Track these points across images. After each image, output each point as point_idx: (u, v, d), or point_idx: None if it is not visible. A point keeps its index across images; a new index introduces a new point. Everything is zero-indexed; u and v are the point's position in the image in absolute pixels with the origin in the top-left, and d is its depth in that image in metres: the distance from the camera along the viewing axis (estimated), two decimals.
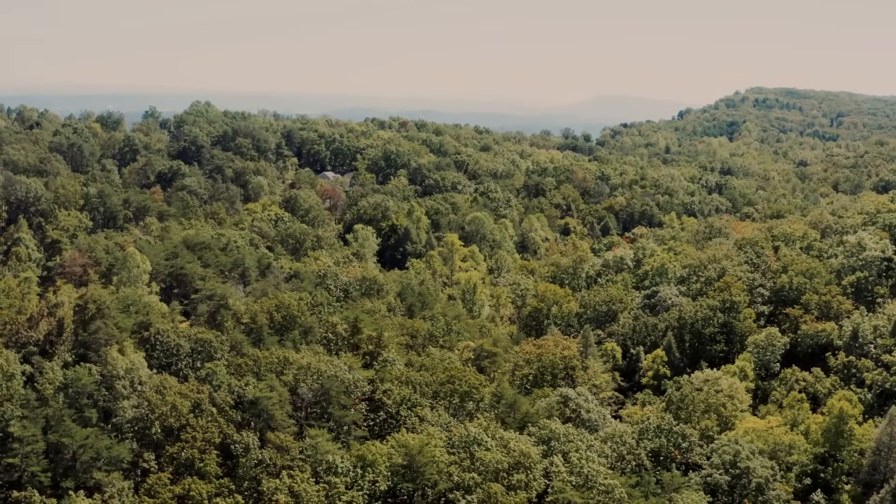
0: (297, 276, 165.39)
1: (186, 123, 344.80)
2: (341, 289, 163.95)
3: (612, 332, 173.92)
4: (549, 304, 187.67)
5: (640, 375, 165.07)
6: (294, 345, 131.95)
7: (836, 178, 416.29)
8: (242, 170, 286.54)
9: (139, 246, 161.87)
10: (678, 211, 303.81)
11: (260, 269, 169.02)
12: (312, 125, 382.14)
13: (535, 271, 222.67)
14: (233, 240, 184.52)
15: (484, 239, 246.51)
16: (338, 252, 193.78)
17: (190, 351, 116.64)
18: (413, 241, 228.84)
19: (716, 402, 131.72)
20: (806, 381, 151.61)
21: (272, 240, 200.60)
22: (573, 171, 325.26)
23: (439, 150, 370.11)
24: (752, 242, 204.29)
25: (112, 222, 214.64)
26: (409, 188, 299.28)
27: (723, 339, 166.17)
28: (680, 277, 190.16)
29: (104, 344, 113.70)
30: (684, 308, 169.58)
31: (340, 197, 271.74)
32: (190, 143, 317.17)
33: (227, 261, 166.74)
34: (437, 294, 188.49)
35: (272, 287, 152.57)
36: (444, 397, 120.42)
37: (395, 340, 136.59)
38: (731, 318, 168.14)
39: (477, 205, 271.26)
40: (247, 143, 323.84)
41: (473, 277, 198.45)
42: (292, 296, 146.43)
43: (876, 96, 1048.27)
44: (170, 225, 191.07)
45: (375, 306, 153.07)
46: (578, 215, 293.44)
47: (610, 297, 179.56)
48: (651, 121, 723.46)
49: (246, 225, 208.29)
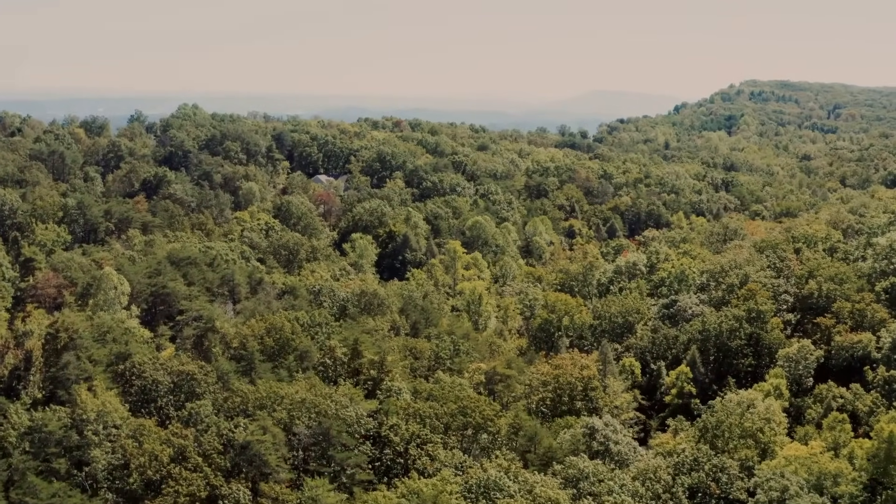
0: (291, 292, 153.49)
1: (172, 127, 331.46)
2: (339, 305, 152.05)
3: (630, 346, 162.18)
4: (560, 315, 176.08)
5: (663, 393, 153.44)
6: (289, 373, 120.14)
7: (843, 173, 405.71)
8: (232, 175, 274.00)
9: (118, 264, 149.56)
10: (686, 210, 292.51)
11: (251, 285, 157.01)
12: (304, 127, 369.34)
13: (542, 278, 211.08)
14: (221, 253, 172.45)
15: (486, 244, 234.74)
16: (334, 263, 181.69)
17: (171, 387, 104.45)
18: (413, 249, 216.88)
19: (752, 427, 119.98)
20: (844, 397, 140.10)
21: (264, 251, 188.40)
22: (576, 171, 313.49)
23: (435, 151, 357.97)
24: (773, 245, 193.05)
25: (93, 235, 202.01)
26: (406, 191, 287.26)
27: (750, 353, 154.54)
28: (699, 284, 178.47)
29: (75, 380, 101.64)
30: (707, 319, 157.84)
31: (335, 202, 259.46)
32: (176, 147, 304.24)
33: (215, 277, 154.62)
34: (442, 307, 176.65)
35: (264, 306, 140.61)
36: (455, 430, 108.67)
37: (400, 365, 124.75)
38: (757, 329, 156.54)
39: (477, 208, 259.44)
40: (236, 147, 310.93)
41: (478, 287, 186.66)
42: (286, 316, 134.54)
43: (870, 87, 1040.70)
44: (154, 238, 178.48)
45: (377, 324, 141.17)
46: (583, 216, 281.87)
47: (626, 308, 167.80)
48: (648, 116, 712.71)
49: (235, 235, 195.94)
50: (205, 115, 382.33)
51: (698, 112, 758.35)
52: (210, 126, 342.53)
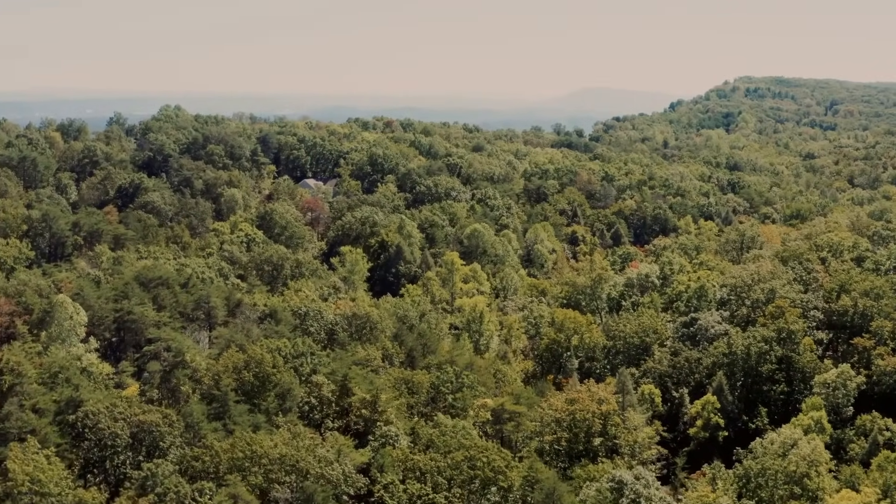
0: (273, 316, 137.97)
1: (152, 130, 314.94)
2: (327, 330, 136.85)
3: (648, 371, 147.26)
4: (569, 334, 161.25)
5: (686, 424, 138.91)
6: (268, 416, 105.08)
7: (851, 172, 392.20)
8: (214, 181, 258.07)
9: (79, 286, 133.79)
10: (693, 214, 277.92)
11: (229, 308, 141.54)
12: (291, 128, 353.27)
13: (546, 292, 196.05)
14: (197, 270, 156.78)
15: (485, 254, 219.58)
16: (322, 280, 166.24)
17: (130, 441, 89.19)
18: (407, 261, 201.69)
19: (797, 472, 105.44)
20: (890, 429, 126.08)
21: (245, 266, 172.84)
22: (577, 173, 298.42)
23: (429, 152, 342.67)
24: (797, 254, 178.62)
25: (60, 250, 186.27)
26: (399, 196, 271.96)
27: (782, 378, 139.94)
28: (720, 299, 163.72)
29: (15, 437, 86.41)
30: (734, 340, 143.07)
31: (323, 210, 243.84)
32: (156, 152, 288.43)
33: (189, 300, 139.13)
34: (440, 325, 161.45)
35: (242, 333, 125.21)
36: (461, 484, 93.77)
37: (395, 404, 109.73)
38: (789, 352, 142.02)
39: (475, 214, 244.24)
40: (219, 151, 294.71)
41: (479, 304, 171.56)
42: (266, 346, 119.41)
43: (865, 83, 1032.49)
44: (123, 255, 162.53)
45: (368, 353, 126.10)
46: (585, 222, 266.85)
47: (642, 327, 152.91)
48: (644, 114, 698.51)
49: (214, 249, 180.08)
50: (187, 117, 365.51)
51: (695, 109, 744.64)
52: (192, 128, 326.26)
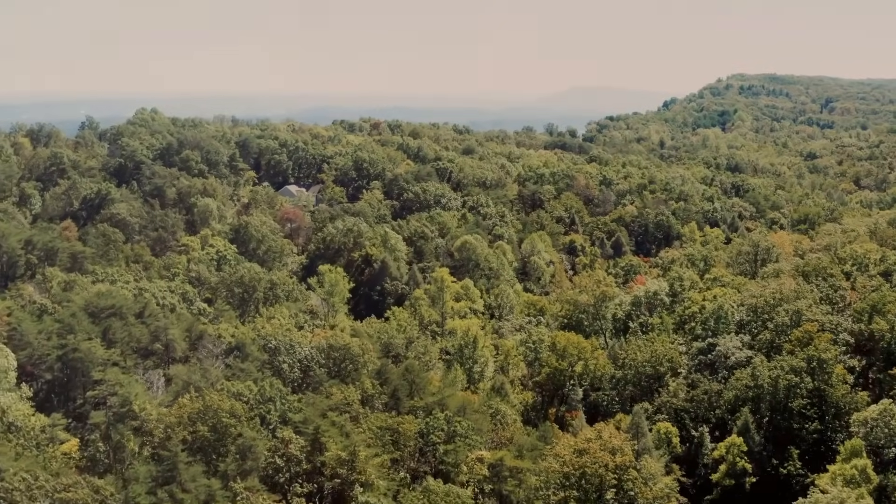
0: (241, 349, 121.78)
1: (124, 135, 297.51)
2: (301, 366, 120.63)
3: (662, 406, 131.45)
4: (572, 361, 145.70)
5: (707, 467, 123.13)
6: (224, 481, 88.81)
7: (856, 173, 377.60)
8: (188, 190, 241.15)
9: (18, 321, 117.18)
10: (698, 220, 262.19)
11: (190, 341, 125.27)
12: (272, 132, 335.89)
13: (545, 310, 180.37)
14: (158, 295, 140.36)
15: (478, 267, 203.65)
16: (298, 303, 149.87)
17: None
18: (393, 277, 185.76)
19: None
20: None
21: (213, 288, 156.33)
22: (573, 177, 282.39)
23: (417, 156, 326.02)
24: (819, 269, 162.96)
25: (13, 272, 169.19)
26: (385, 204, 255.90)
27: (815, 414, 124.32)
28: (739, 322, 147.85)
29: None
30: (759, 371, 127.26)
31: (303, 221, 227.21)
32: (127, 158, 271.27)
33: (144, 333, 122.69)
34: (430, 354, 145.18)
35: (199, 375, 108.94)
36: None
37: (375, 462, 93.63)
38: (821, 384, 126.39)
39: (466, 224, 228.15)
40: (195, 157, 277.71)
41: (472, 328, 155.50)
42: (228, 390, 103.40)
43: (858, 80, 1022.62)
44: (76, 279, 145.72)
45: (346, 395, 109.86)
46: (584, 230, 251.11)
47: (655, 355, 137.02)
48: (638, 113, 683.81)
49: (180, 269, 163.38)
50: (164, 121, 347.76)
51: (689, 108, 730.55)
52: (167, 133, 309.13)
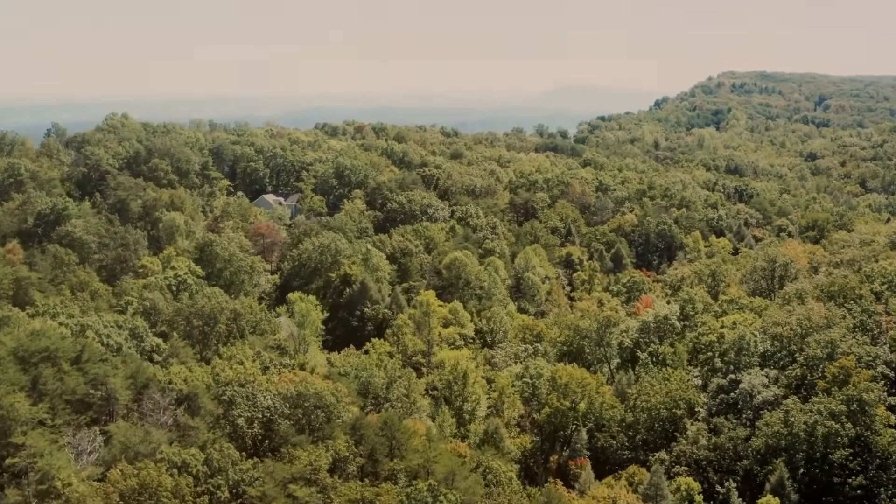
0: (193, 399, 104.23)
1: (90, 143, 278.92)
2: (262, 419, 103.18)
3: (680, 456, 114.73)
4: (575, 399, 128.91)
5: None
6: None
7: (861, 174, 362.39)
8: (153, 203, 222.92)
9: None
10: (702, 229, 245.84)
11: (135, 390, 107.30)
12: (248, 137, 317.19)
13: (542, 335, 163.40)
14: (102, 333, 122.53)
15: (468, 286, 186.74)
16: (265, 337, 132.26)
17: None
18: (373, 300, 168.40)
19: None
20: None
21: (169, 321, 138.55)
22: (569, 184, 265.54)
23: (402, 161, 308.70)
24: (848, 289, 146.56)
25: None
26: (368, 215, 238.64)
27: (858, 467, 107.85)
28: (762, 353, 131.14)
29: None
30: (793, 417, 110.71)
31: (278, 236, 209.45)
32: (91, 168, 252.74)
33: (80, 382, 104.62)
34: (414, 392, 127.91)
35: (138, 438, 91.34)
36: None
37: None
38: (864, 430, 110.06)
39: (455, 237, 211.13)
40: (164, 165, 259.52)
41: (462, 360, 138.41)
42: (169, 458, 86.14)
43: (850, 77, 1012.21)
44: (11, 313, 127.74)
45: (314, 458, 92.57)
46: (581, 241, 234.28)
47: (672, 398, 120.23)
48: (630, 112, 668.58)
49: (134, 298, 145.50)
50: (134, 126, 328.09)
51: (682, 107, 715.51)
52: (136, 139, 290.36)
